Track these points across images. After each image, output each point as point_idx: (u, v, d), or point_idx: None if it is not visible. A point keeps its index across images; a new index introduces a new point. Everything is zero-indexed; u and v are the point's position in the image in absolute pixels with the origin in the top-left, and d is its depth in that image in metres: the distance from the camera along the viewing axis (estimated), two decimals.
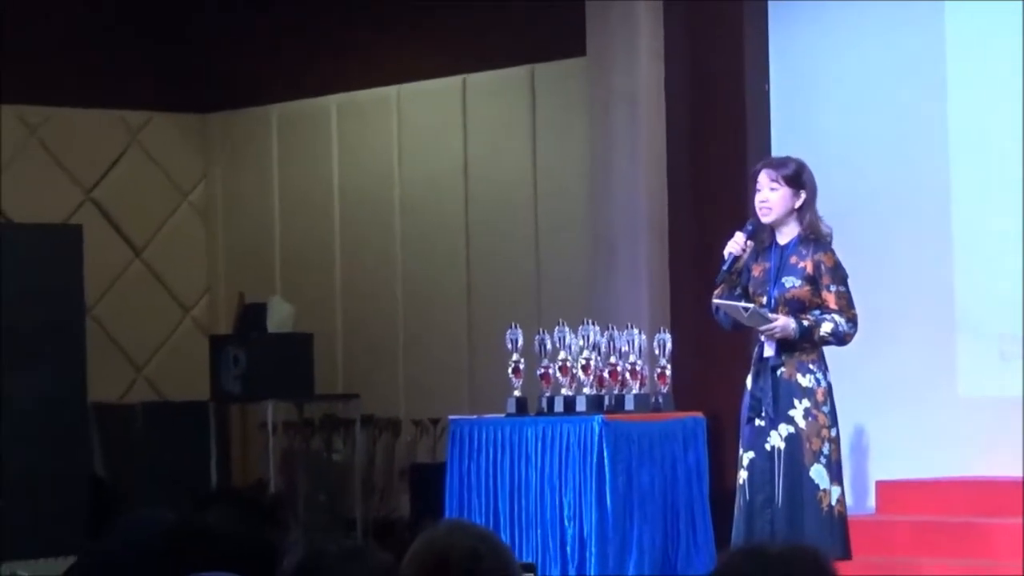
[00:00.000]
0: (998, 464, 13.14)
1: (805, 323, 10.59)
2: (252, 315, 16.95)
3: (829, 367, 10.83)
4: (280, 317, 16.85)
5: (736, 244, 10.75)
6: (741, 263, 10.77)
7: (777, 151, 13.32)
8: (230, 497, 5.60)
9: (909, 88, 13.85)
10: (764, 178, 10.83)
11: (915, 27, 13.80)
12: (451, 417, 14.28)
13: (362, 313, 16.87)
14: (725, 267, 10.82)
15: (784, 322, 10.58)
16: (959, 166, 13.62)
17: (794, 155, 11.93)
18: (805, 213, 10.74)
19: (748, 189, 10.99)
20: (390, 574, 4.96)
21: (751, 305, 10.71)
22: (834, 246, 10.84)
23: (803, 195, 10.72)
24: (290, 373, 16.56)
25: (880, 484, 13.51)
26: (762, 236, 10.84)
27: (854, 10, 14.09)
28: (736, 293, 10.78)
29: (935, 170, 13.67)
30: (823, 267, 10.66)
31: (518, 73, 15.89)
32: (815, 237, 10.75)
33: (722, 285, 10.88)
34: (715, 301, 10.92)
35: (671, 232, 14.35)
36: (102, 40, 17.21)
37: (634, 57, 14.77)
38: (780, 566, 4.31)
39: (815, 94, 14.28)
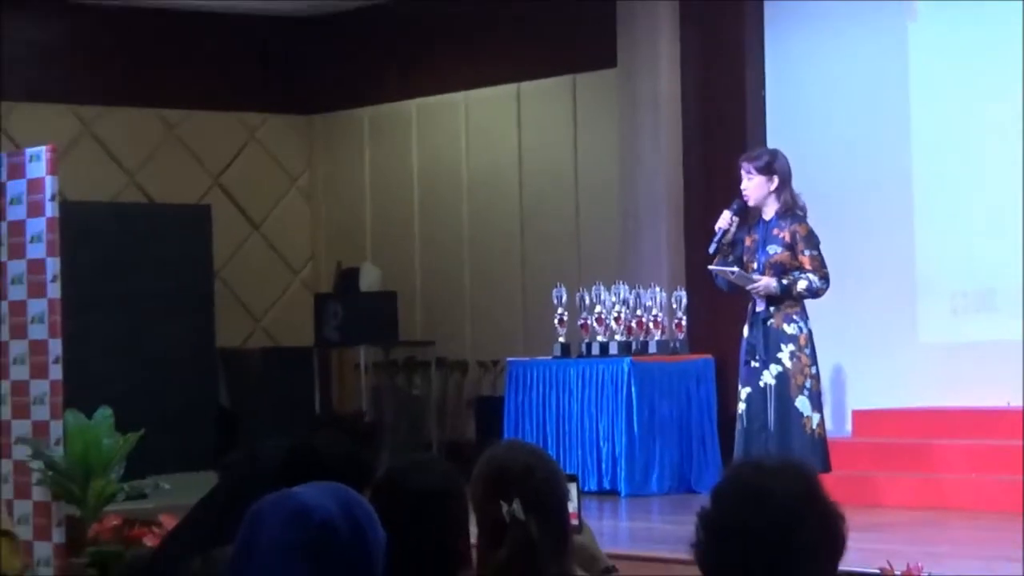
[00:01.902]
0: (950, 397, 13.17)
1: (784, 282, 10.72)
2: (348, 278, 17.00)
3: (811, 317, 10.96)
4: (370, 279, 16.91)
5: (723, 220, 10.93)
6: (729, 236, 10.91)
7: (772, 142, 13.34)
8: (334, 424, 5.73)
9: (877, 90, 13.81)
10: (743, 170, 10.99)
11: (882, 41, 13.76)
12: (508, 359, 14.44)
13: (436, 275, 16.85)
14: (716, 239, 10.97)
15: (766, 282, 10.72)
16: (919, 156, 13.59)
17: (786, 145, 12.07)
18: (781, 193, 10.85)
19: (738, 180, 11.10)
20: (454, 482, 5.11)
21: (736, 269, 10.84)
22: (811, 218, 10.99)
23: (775, 180, 10.83)
24: (378, 324, 16.59)
25: (855, 412, 13.53)
26: (753, 213, 10.97)
27: (834, 30, 14.10)
28: (729, 260, 10.90)
29: (899, 159, 13.64)
30: (798, 236, 10.77)
31: (562, 82, 15.87)
32: (792, 211, 10.88)
33: (718, 255, 11.01)
34: (710, 267, 11.06)
35: (685, 209, 14.40)
36: (228, 56, 17.24)
37: (655, 69, 14.79)
38: (774, 476, 4.39)
39: (802, 96, 14.25)
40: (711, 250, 11.07)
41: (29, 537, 9.86)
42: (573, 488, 5.02)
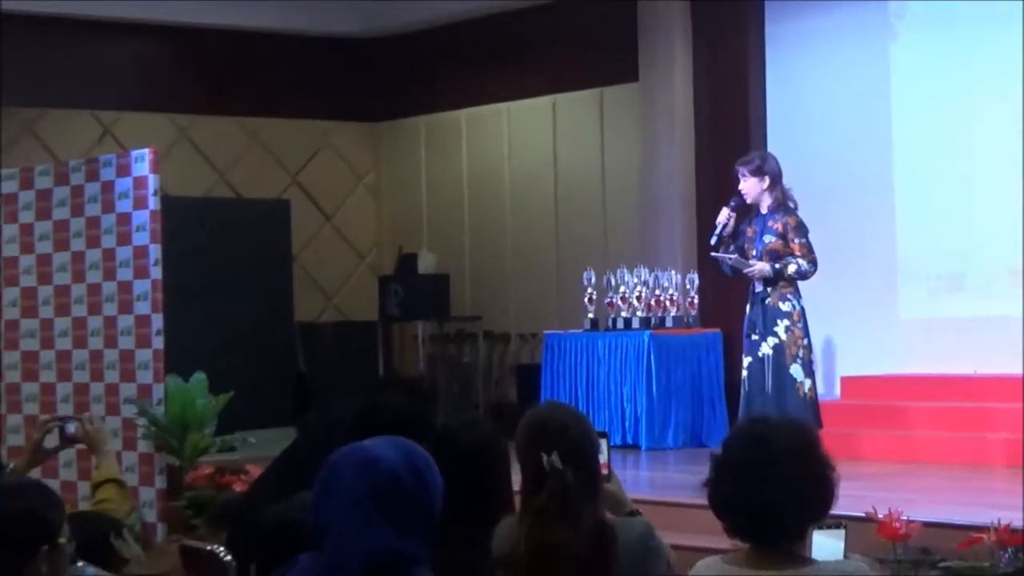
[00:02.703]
0: (925, 365, 13.15)
1: (777, 266, 10.73)
2: (407, 262, 16.95)
3: (803, 296, 10.96)
4: (426, 263, 16.88)
5: (722, 216, 11.01)
6: (729, 228, 10.95)
7: (771, 146, 13.31)
8: (397, 387, 5.71)
9: (862, 100, 13.79)
10: (738, 173, 11.02)
11: (868, 58, 13.74)
12: (545, 332, 14.48)
13: (483, 259, 16.83)
14: (716, 232, 11.01)
15: (760, 266, 10.75)
16: (899, 157, 13.58)
17: (783, 148, 12.08)
18: (773, 190, 10.88)
19: (735, 183, 11.11)
20: (497, 437, 5.11)
21: (735, 256, 10.86)
22: (806, 210, 11.04)
23: (767, 179, 10.87)
24: (433, 301, 16.57)
25: (843, 378, 13.54)
26: (752, 208, 11.00)
27: (825, 49, 14.07)
28: (731, 249, 10.92)
29: (882, 160, 13.62)
30: (789, 226, 10.80)
31: (592, 94, 15.83)
32: (784, 206, 10.89)
33: (721, 245, 11.03)
34: (712, 255, 11.09)
35: (697, 203, 14.40)
36: (305, 71, 17.26)
37: (671, 84, 14.79)
38: (776, 428, 4.36)
39: (798, 106, 14.21)
40: (712, 241, 11.12)
41: (135, 483, 9.89)
42: (603, 442, 5.02)
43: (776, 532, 4.27)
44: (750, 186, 10.90)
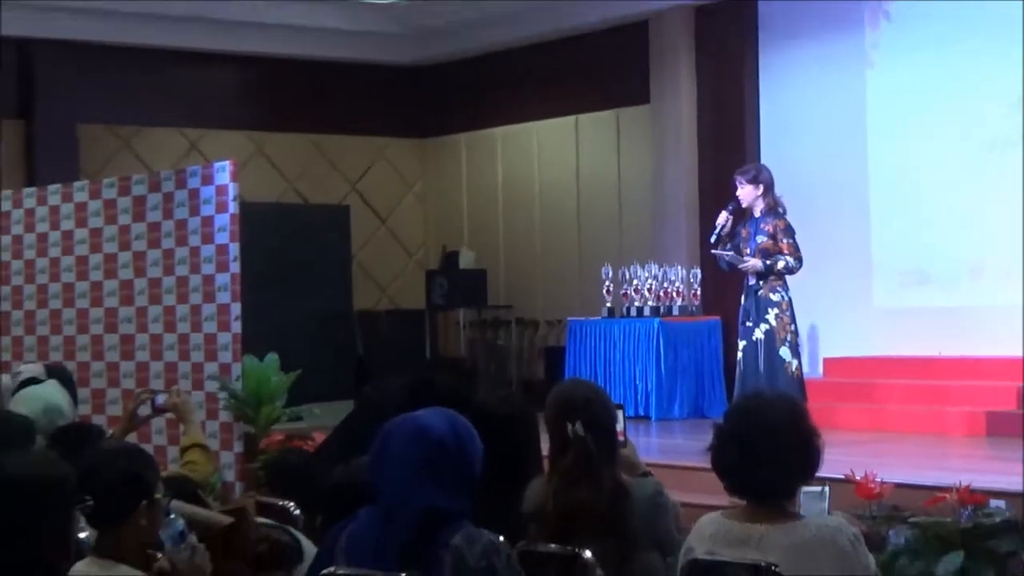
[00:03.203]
0: (896, 348, 13.13)
1: (768, 263, 10.72)
2: (450, 258, 16.96)
3: (790, 288, 10.95)
4: (467, 259, 16.87)
5: (720, 219, 11.03)
6: (727, 229, 10.96)
7: (763, 158, 13.35)
8: (443, 366, 5.72)
9: (842, 119, 13.77)
10: (736, 181, 11.02)
11: (847, 83, 13.73)
12: (569, 319, 14.44)
13: (515, 256, 16.80)
14: (715, 232, 11.02)
15: (753, 262, 10.74)
16: (874, 168, 13.58)
17: (774, 161, 12.11)
18: (765, 197, 10.87)
19: (733, 190, 11.11)
20: (528, 409, 5.10)
21: (730, 253, 10.85)
22: (793, 214, 11.06)
23: (760, 187, 10.87)
24: (473, 292, 16.57)
25: (826, 359, 13.53)
26: (746, 212, 10.99)
27: (810, 75, 14.05)
28: (728, 247, 10.92)
29: (859, 171, 13.60)
30: (779, 229, 10.79)
31: (609, 114, 15.81)
32: (774, 210, 10.88)
33: (719, 243, 11.03)
34: (712, 252, 11.10)
35: (700, 208, 14.37)
36: (362, 94, 17.25)
37: (678, 106, 14.75)
38: (770, 402, 4.36)
39: (787, 124, 14.18)
40: (712, 240, 11.13)
41: (217, 448, 9.88)
42: (619, 413, 5.03)
43: (769, 491, 4.27)
44: (746, 193, 10.90)
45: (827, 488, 6.78)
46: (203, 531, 5.20)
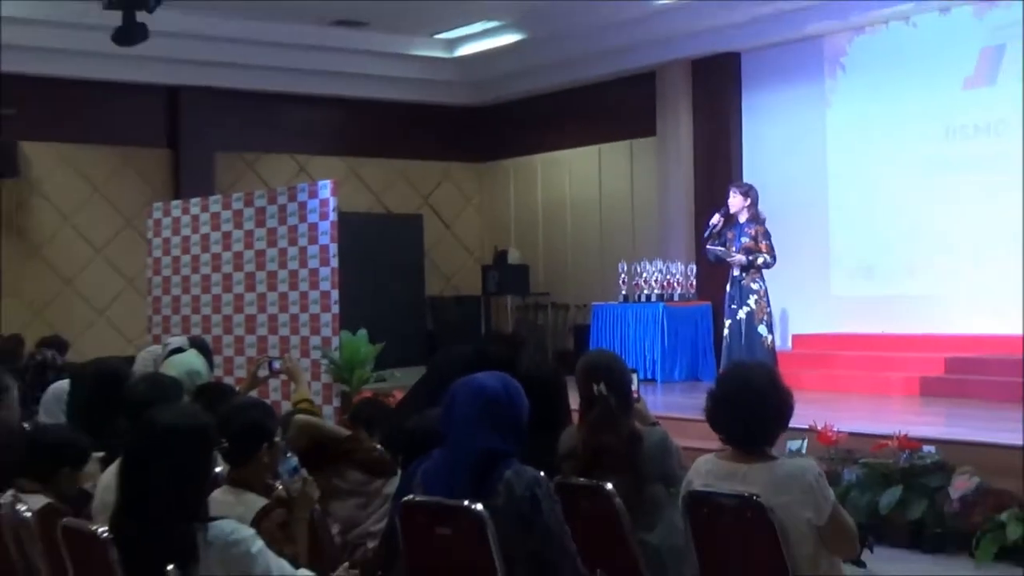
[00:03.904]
0: (849, 326, 13.10)
1: (750, 259, 10.69)
2: (501, 256, 16.92)
3: (767, 279, 10.92)
4: (514, 257, 16.84)
5: (714, 219, 11.03)
6: (718, 229, 10.94)
7: (744, 178, 13.25)
8: (498, 338, 5.70)
9: (808, 147, 13.69)
10: (732, 191, 10.97)
11: (811, 119, 13.66)
12: (593, 303, 14.42)
13: (552, 255, 16.75)
14: (708, 231, 11.03)
15: (739, 257, 10.73)
16: (833, 185, 13.51)
17: (753, 179, 12.05)
18: (751, 208, 10.84)
19: (726, 198, 11.06)
20: (560, 374, 5.07)
21: (722, 248, 10.83)
22: (769, 219, 10.99)
23: (749, 199, 10.83)
24: (518, 283, 16.51)
25: (795, 335, 13.47)
26: (734, 217, 10.96)
27: (781, 113, 13.99)
28: (717, 243, 10.90)
29: (820, 187, 13.55)
30: (759, 232, 10.78)
31: (624, 144, 15.72)
32: (756, 218, 10.85)
33: (710, 239, 11.01)
34: (707, 246, 11.09)
35: (695, 217, 14.26)
36: (433, 128, 17.26)
37: (678, 137, 14.66)
38: (752, 369, 4.41)
39: (763, 150, 14.11)
40: (705, 236, 11.14)
41: (320, 403, 9.88)
42: (634, 376, 5.02)
43: (752, 440, 4.28)
44: (736, 201, 10.90)
45: (806, 440, 6.72)
46: (330, 440, 5.23)
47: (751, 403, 4.22)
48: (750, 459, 4.25)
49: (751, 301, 10.84)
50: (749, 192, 10.99)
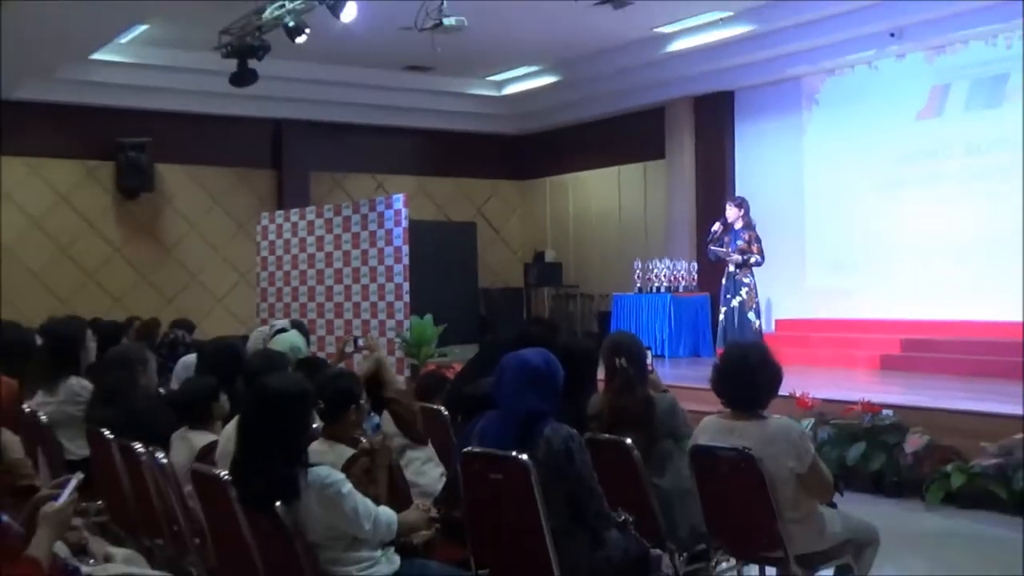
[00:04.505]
0: (821, 312, 13.00)
1: (743, 258, 10.63)
2: (539, 255, 16.90)
3: (755, 275, 10.86)
4: (550, 256, 16.78)
5: (715, 227, 10.99)
6: (717, 234, 10.87)
7: (738, 193, 13.19)
8: (538, 322, 5.69)
9: (788, 167, 13.58)
10: (729, 204, 10.92)
11: (790, 144, 13.57)
12: (614, 294, 14.34)
13: (581, 254, 16.73)
14: (710, 236, 10.95)
15: (735, 257, 10.68)
16: (809, 198, 13.41)
17: (744, 194, 11.96)
18: (744, 217, 10.77)
19: (724, 210, 11.00)
20: (589, 348, 5.00)
21: (722, 250, 10.77)
22: (758, 226, 10.93)
23: (742, 210, 10.77)
24: (554, 277, 16.49)
25: (778, 320, 13.33)
26: (731, 225, 10.89)
27: (766, 140, 13.88)
28: (718, 245, 10.84)
29: (798, 199, 13.44)
30: (751, 236, 10.73)
31: (639, 166, 15.64)
32: (748, 225, 10.78)
33: (711, 243, 10.94)
34: (709, 248, 11.02)
35: (696, 226, 14.20)
36: (483, 153, 17.26)
37: (682, 161, 14.57)
38: (749, 347, 4.38)
39: (752, 172, 14.03)
40: (708, 240, 11.07)
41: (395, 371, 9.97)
42: (648, 352, 4.99)
43: (748, 403, 4.27)
44: (732, 212, 10.86)
45: (813, 421, 6.61)
46: (386, 384, 5.17)
47: (748, 375, 4.21)
48: (746, 418, 4.25)
49: (743, 292, 10.79)
50: (742, 204, 10.94)
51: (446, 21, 8.94)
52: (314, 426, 4.02)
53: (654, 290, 13.71)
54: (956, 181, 11.84)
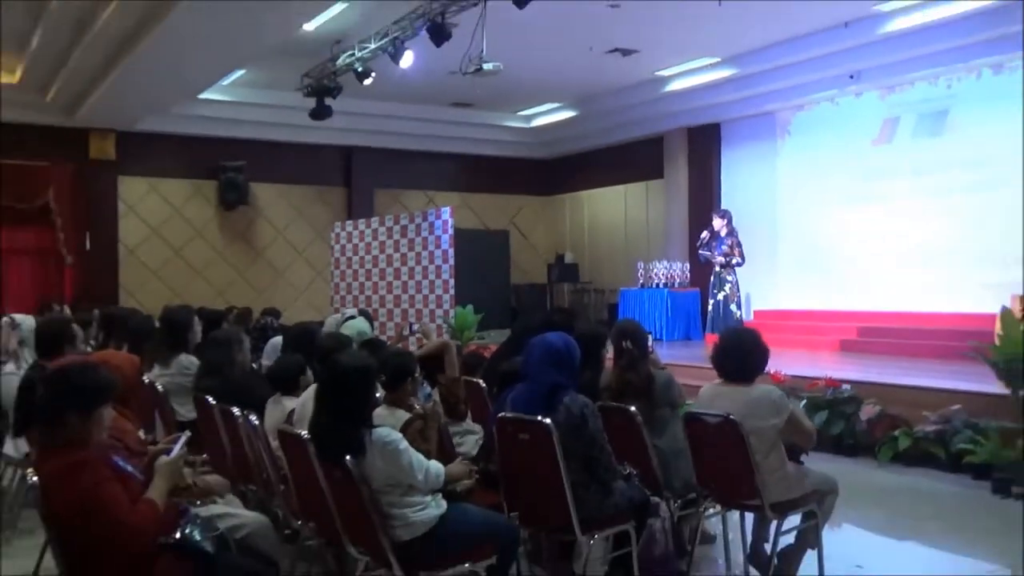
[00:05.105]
0: (792, 304, 12.87)
1: (727, 259, 10.54)
2: (560, 257, 16.80)
3: (738, 273, 10.77)
4: (568, 258, 16.70)
5: (704, 235, 10.94)
6: (706, 240, 10.80)
7: (723, 206, 13.11)
8: (559, 311, 5.68)
9: (763, 185, 13.44)
10: (715, 215, 10.83)
11: (765, 165, 13.44)
12: (621, 289, 14.25)
13: (594, 256, 16.66)
14: (699, 242, 10.90)
15: (719, 259, 10.59)
16: (781, 211, 13.27)
17: (728, 206, 11.84)
18: (728, 224, 10.70)
19: (711, 220, 10.89)
20: (601, 333, 4.93)
21: (709, 253, 10.70)
22: (740, 232, 10.81)
23: (726, 219, 10.70)
24: (572, 274, 16.38)
25: (756, 311, 13.12)
26: (717, 232, 10.80)
27: (746, 163, 13.76)
28: (706, 249, 10.75)
29: (771, 213, 13.30)
30: (733, 242, 10.66)
31: (642, 184, 15.55)
32: (731, 232, 10.69)
33: (701, 247, 10.86)
34: (699, 252, 10.94)
35: (688, 234, 14.10)
36: (516, 175, 17.18)
37: (678, 179, 14.48)
38: (742, 331, 4.39)
39: (734, 189, 13.90)
40: (698, 245, 10.99)
41: None
42: (649, 336, 4.97)
43: (740, 376, 4.26)
44: (718, 222, 10.84)
45: (805, 401, 6.49)
46: (446, 366, 5.12)
47: (742, 353, 4.20)
48: (736, 385, 4.24)
49: (727, 288, 10.75)
50: (726, 215, 10.87)
51: (485, 66, 8.97)
52: (377, 395, 4.03)
53: (654, 286, 13.61)
54: (904, 198, 11.77)
